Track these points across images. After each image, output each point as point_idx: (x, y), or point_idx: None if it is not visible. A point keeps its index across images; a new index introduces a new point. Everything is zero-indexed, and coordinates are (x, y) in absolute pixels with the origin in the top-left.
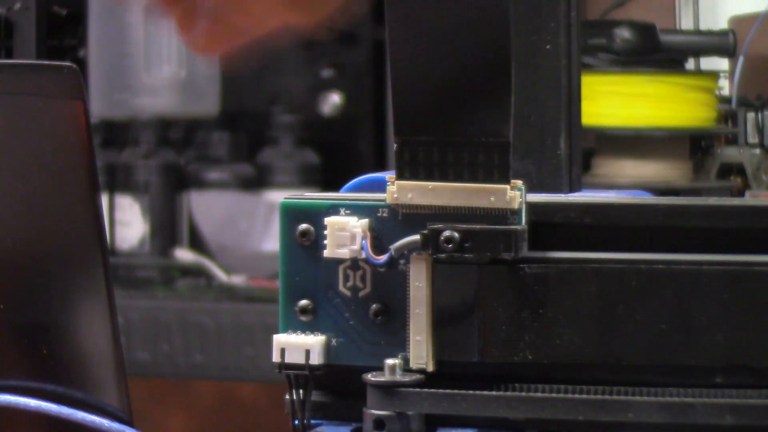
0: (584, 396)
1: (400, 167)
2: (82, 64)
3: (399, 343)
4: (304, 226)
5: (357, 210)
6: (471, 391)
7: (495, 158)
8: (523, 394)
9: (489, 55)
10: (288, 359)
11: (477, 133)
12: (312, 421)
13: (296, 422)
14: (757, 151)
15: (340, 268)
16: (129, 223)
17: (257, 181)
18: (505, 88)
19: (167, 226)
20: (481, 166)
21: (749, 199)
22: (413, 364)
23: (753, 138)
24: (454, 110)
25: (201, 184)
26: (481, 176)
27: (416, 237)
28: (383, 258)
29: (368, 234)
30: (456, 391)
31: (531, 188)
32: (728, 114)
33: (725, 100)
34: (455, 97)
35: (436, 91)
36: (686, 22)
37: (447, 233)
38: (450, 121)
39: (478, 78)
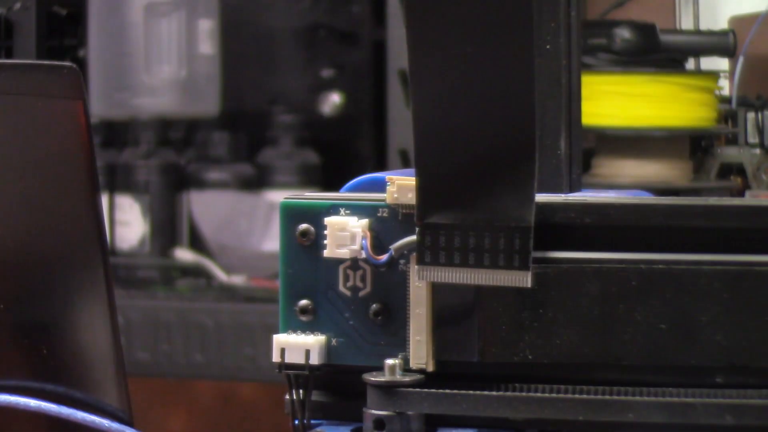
0: (584, 396)
1: (421, 251)
2: (82, 64)
3: (399, 343)
4: (304, 226)
5: (357, 210)
6: (471, 391)
7: (516, 243)
8: (523, 394)
9: (514, 138)
10: (288, 359)
11: (499, 217)
12: (312, 421)
13: (296, 422)
14: (757, 151)
15: (340, 268)
16: (129, 223)
17: (257, 181)
18: (529, 171)
19: (167, 226)
20: (502, 251)
21: (749, 199)
22: (413, 364)
23: (753, 138)
24: (477, 193)
25: (201, 184)
26: (502, 261)
27: (416, 237)
28: (383, 258)
29: (368, 234)
30: (456, 391)
31: None
32: (728, 114)
33: (725, 100)
34: (479, 180)
35: (460, 173)
36: (686, 22)
37: None
38: (472, 204)
39: (501, 161)
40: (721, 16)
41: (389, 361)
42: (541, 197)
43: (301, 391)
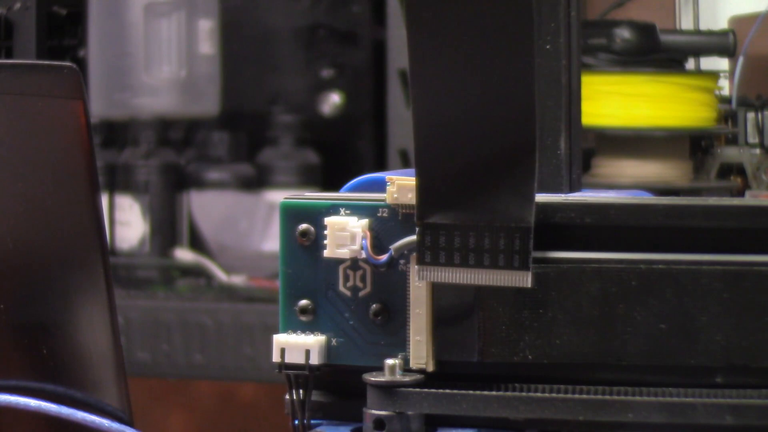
0: (584, 396)
1: (421, 251)
2: (82, 64)
3: (399, 343)
4: (304, 226)
5: (357, 210)
6: (471, 391)
7: (516, 243)
8: (523, 394)
9: (514, 138)
10: (288, 359)
11: (499, 217)
12: (312, 421)
13: (296, 422)
14: (757, 151)
15: (340, 268)
16: (129, 223)
17: (257, 181)
18: (529, 171)
19: (167, 226)
20: (502, 251)
21: (749, 199)
22: (413, 364)
23: (753, 138)
24: (477, 193)
25: (201, 184)
26: (502, 261)
27: (416, 237)
28: (383, 258)
29: (368, 234)
30: (456, 391)
31: None
32: (728, 114)
33: (725, 100)
34: (479, 180)
35: (460, 173)
36: (686, 22)
37: None
38: (472, 204)
39: (501, 161)
40: (721, 16)
41: (389, 361)
42: (541, 197)
43: (301, 391)
